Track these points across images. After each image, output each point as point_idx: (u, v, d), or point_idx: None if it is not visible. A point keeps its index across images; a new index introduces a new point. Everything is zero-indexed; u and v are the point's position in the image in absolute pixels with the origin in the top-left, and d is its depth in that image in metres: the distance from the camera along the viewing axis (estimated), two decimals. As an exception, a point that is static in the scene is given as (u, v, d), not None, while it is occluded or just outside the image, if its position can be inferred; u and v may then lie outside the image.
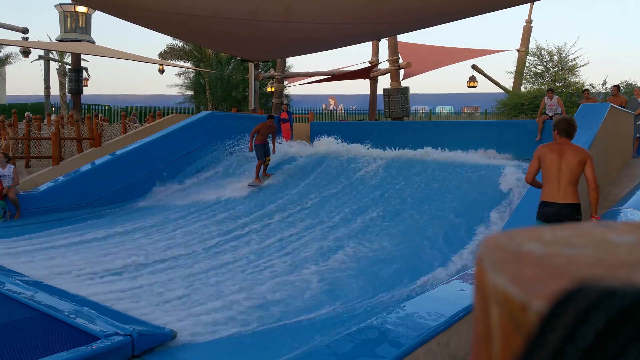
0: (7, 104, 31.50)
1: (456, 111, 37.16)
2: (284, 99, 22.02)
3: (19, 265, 6.30)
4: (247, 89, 19.05)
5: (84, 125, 14.82)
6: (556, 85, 20.61)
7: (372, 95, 21.00)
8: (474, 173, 9.02)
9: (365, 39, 15.88)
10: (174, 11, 11.07)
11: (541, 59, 22.64)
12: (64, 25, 18.54)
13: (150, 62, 22.39)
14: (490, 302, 0.32)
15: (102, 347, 3.71)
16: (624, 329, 0.26)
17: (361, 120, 22.09)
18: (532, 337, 0.28)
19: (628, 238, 0.36)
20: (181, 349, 4.22)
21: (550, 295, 0.28)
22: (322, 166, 11.13)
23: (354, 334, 3.15)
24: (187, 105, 31.20)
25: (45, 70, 27.20)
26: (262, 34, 12.51)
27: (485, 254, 0.34)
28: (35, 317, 4.34)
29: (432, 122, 22.33)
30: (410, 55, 20.43)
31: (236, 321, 4.84)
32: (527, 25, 22.24)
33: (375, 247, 7.11)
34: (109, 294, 5.50)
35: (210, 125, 13.15)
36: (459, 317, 3.35)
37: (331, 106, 42.12)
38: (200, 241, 7.96)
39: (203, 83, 28.13)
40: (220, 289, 5.81)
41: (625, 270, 0.30)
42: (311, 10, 10.94)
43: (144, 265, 6.74)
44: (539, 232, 0.38)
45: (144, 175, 11.51)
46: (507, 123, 13.96)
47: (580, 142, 7.06)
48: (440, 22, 12.37)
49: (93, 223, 9.24)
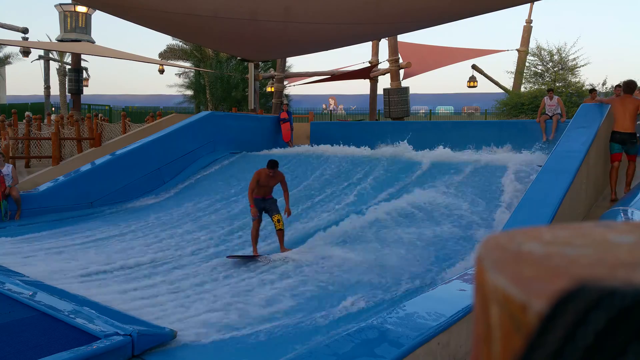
0: (7, 104, 31.49)
1: (456, 111, 37.16)
2: (284, 99, 22.02)
3: (19, 265, 6.30)
4: (247, 88, 19.07)
5: (84, 125, 14.82)
6: (556, 85, 20.62)
7: (372, 95, 21.01)
8: (474, 172, 9.03)
9: (365, 39, 15.90)
10: (174, 11, 11.07)
11: (541, 58, 22.66)
12: (64, 25, 18.54)
13: (150, 62, 22.40)
14: (490, 302, 0.32)
15: (102, 347, 3.71)
16: (624, 328, 0.26)
17: (361, 120, 22.11)
18: (532, 337, 0.28)
19: (628, 238, 0.36)
20: (181, 349, 4.22)
21: (550, 295, 0.28)
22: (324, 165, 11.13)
23: (354, 333, 3.15)
24: (187, 105, 31.21)
25: (45, 70, 27.21)
26: (262, 33, 12.52)
27: (485, 254, 0.34)
28: (35, 317, 4.34)
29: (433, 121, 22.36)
30: (410, 55, 20.44)
31: (236, 321, 4.84)
32: (527, 25, 22.26)
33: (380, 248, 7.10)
34: (109, 294, 5.50)
35: (210, 125, 13.16)
36: (459, 317, 3.34)
37: (331, 106, 42.13)
38: (201, 241, 7.95)
39: (203, 83, 28.14)
40: (220, 289, 5.81)
41: (625, 270, 0.30)
42: (311, 10, 10.95)
43: (144, 265, 6.74)
44: (539, 232, 0.38)
45: (144, 175, 11.51)
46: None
47: (580, 142, 7.09)
48: (441, 22, 12.38)
49: (93, 223, 9.24)
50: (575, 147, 6.92)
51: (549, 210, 5.48)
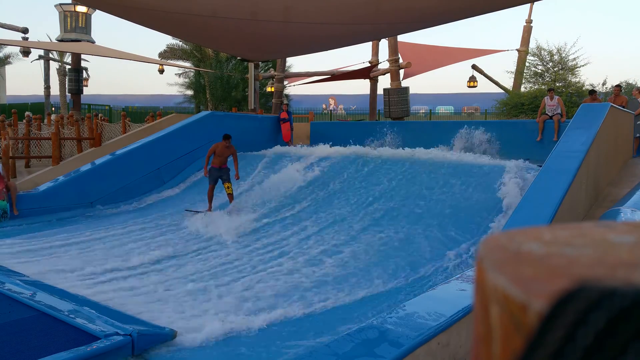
0: (7, 103, 31.48)
1: (456, 111, 37.16)
2: (284, 99, 22.02)
3: (19, 265, 6.30)
4: (247, 88, 19.05)
5: (84, 125, 14.82)
6: (556, 85, 20.61)
7: (372, 95, 21.00)
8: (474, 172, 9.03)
9: (365, 39, 15.89)
10: (174, 11, 11.08)
11: (541, 58, 22.64)
12: (64, 25, 18.54)
13: (150, 62, 22.39)
14: (490, 302, 0.32)
15: (102, 347, 3.71)
16: (624, 328, 0.26)
17: (362, 120, 22.11)
18: (532, 337, 0.28)
19: (628, 238, 0.36)
20: (181, 349, 4.22)
21: (550, 295, 0.28)
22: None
23: (354, 333, 3.15)
24: (187, 105, 31.20)
25: (45, 70, 27.18)
26: (262, 33, 12.52)
27: (485, 254, 0.34)
28: (35, 317, 4.34)
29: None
30: (410, 55, 20.43)
31: (236, 320, 4.83)
32: (527, 25, 22.25)
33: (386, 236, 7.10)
34: (109, 294, 5.50)
35: (210, 125, 13.15)
36: (459, 317, 3.34)
37: (331, 106, 42.13)
38: (201, 241, 7.95)
39: (203, 83, 28.13)
40: (221, 289, 5.81)
41: (625, 270, 0.30)
42: (311, 10, 10.95)
43: (144, 265, 6.74)
44: (539, 232, 0.38)
45: (144, 175, 11.51)
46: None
47: (580, 142, 7.08)
48: (441, 22, 12.37)
49: (93, 223, 9.24)
50: (575, 147, 6.92)
51: (549, 210, 5.48)
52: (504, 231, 0.39)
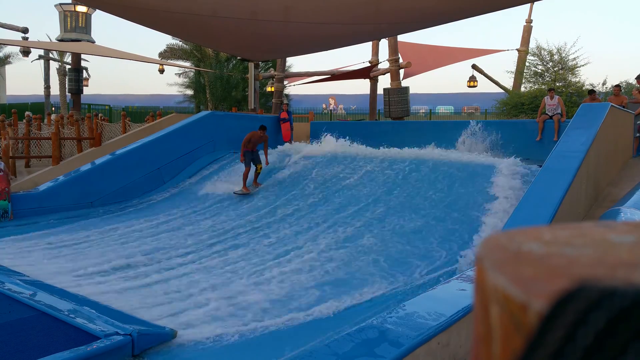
0: (7, 103, 31.49)
1: (456, 111, 37.17)
2: (284, 99, 22.00)
3: (19, 265, 6.30)
4: (247, 88, 19.05)
5: (84, 125, 14.82)
6: (556, 85, 20.61)
7: (372, 95, 21.01)
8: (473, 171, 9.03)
9: (365, 39, 15.89)
10: (174, 10, 11.08)
11: (541, 58, 22.63)
12: (64, 25, 18.54)
13: (150, 62, 22.40)
14: (490, 302, 0.32)
15: (102, 347, 3.71)
16: (624, 328, 0.26)
17: (362, 120, 22.11)
18: (532, 337, 0.28)
19: (628, 238, 0.36)
20: (181, 348, 4.22)
21: (550, 295, 0.28)
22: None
23: (354, 333, 3.15)
24: (187, 105, 31.21)
25: (45, 70, 27.19)
26: (262, 33, 12.52)
27: (485, 254, 0.34)
28: (35, 317, 4.34)
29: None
30: (410, 55, 20.44)
31: (237, 321, 4.84)
32: (527, 25, 22.25)
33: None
34: (109, 294, 5.50)
35: (210, 125, 13.15)
36: (459, 317, 3.34)
37: (331, 106, 42.14)
38: (201, 241, 7.95)
39: (203, 83, 28.13)
40: (221, 288, 5.81)
41: (625, 270, 0.30)
42: (311, 10, 10.95)
43: (145, 265, 6.74)
44: (539, 232, 0.38)
45: (144, 175, 11.51)
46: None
47: (580, 142, 7.08)
48: (441, 22, 12.37)
49: (93, 223, 9.24)
50: (575, 147, 6.91)
51: (549, 210, 5.49)
52: (504, 231, 0.39)
